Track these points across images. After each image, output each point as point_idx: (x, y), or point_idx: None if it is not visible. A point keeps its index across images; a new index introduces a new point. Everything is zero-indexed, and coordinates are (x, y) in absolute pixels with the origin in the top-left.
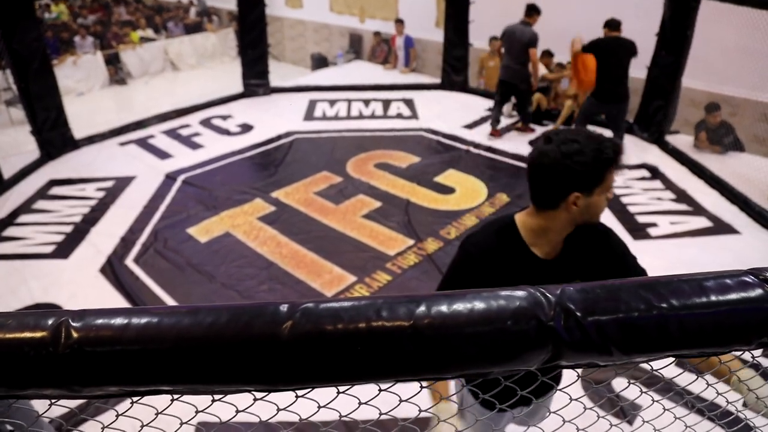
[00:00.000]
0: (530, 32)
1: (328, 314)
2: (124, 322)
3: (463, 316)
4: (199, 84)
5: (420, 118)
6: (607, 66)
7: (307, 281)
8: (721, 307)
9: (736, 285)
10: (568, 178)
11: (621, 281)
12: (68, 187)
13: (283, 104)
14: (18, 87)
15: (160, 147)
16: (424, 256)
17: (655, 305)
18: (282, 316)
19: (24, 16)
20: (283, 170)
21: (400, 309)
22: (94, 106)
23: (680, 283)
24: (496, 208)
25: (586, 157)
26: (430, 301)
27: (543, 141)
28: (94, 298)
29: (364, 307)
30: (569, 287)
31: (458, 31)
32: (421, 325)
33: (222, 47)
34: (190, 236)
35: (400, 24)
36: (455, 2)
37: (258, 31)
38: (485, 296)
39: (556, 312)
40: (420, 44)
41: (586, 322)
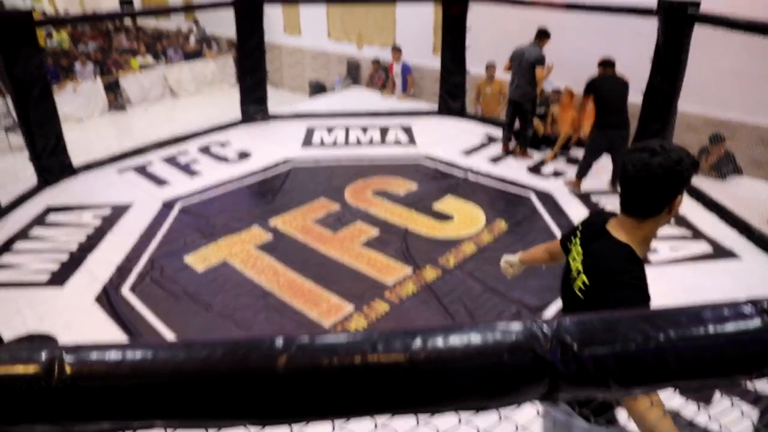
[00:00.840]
0: (538, 52)
1: (323, 348)
2: (119, 357)
3: (459, 350)
4: (197, 111)
5: (418, 145)
6: (606, 100)
7: (304, 311)
8: (720, 339)
9: (734, 315)
10: (677, 184)
11: (619, 313)
12: (65, 214)
13: (282, 131)
14: (18, 114)
15: (158, 174)
16: (423, 284)
17: (652, 337)
18: (277, 350)
19: (26, 44)
20: (281, 198)
21: (395, 343)
22: (92, 133)
23: (678, 314)
24: (495, 235)
25: (687, 163)
26: (426, 334)
27: (648, 154)
28: (89, 328)
29: (360, 341)
30: (565, 319)
31: (455, 58)
32: (417, 359)
33: (221, 74)
34: (187, 265)
35: (398, 51)
36: (452, 30)
37: (257, 59)
38: (481, 329)
39: (553, 345)
40: (417, 71)
41: (583, 354)
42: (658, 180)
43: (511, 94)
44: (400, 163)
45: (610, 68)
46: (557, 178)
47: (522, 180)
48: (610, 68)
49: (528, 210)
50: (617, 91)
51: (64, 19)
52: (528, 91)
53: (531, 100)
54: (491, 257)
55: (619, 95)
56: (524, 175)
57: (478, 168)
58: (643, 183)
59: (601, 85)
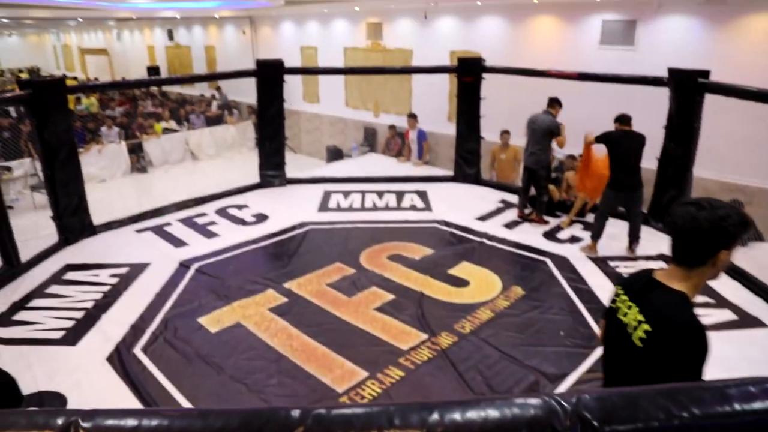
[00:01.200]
0: (550, 120)
1: (339, 421)
2: (134, 424)
3: (476, 424)
4: (217, 174)
5: (433, 210)
6: (620, 157)
7: (317, 376)
8: (746, 417)
9: (760, 393)
10: (721, 238)
11: (639, 389)
12: (83, 272)
13: (299, 195)
14: (45, 174)
15: (176, 235)
16: (438, 351)
17: (675, 414)
18: (293, 422)
19: (58, 109)
20: (297, 261)
21: (412, 417)
22: (114, 193)
23: (701, 390)
24: (511, 301)
25: (734, 220)
26: (443, 408)
27: (695, 208)
28: (99, 388)
29: (377, 414)
30: (585, 395)
31: (470, 125)
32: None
33: (241, 139)
34: (201, 326)
35: (413, 119)
36: (466, 98)
37: (276, 126)
38: (499, 404)
39: (572, 421)
40: (433, 137)
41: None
42: (703, 233)
43: (526, 161)
44: (415, 228)
45: (626, 124)
46: (574, 243)
47: (538, 245)
48: (626, 124)
49: (545, 275)
50: (633, 148)
51: (94, 86)
52: (542, 158)
53: (545, 167)
54: (508, 323)
55: (634, 153)
56: (540, 241)
57: (493, 233)
58: (688, 234)
59: (617, 141)
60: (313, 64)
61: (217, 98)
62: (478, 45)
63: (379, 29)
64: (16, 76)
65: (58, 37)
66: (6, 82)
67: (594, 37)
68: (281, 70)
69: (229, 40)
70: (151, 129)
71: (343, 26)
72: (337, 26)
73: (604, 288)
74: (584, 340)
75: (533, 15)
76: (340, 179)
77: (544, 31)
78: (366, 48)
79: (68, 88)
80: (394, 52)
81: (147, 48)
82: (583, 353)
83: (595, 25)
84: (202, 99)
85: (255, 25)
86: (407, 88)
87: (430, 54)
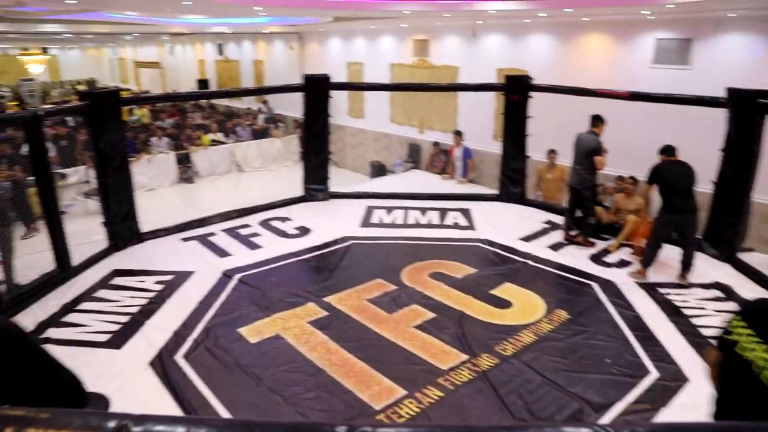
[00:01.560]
0: (594, 140)
1: None
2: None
3: None
4: (261, 186)
5: (477, 229)
6: (672, 185)
7: (355, 392)
8: None
9: None
10: None
11: (695, 424)
12: (130, 278)
13: (342, 209)
14: (98, 182)
15: (220, 245)
16: (479, 372)
17: None
18: None
19: (112, 120)
20: (338, 275)
21: None
22: (161, 202)
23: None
24: (555, 325)
25: None
26: None
27: None
28: (140, 392)
29: None
30: (639, 428)
31: (516, 144)
32: None
33: (286, 152)
34: (241, 336)
35: (459, 136)
36: (514, 117)
37: (321, 140)
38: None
39: None
40: (478, 155)
41: None
42: None
43: (571, 181)
44: (458, 246)
45: (671, 155)
46: (622, 267)
47: (584, 268)
48: (671, 155)
49: (591, 300)
50: (683, 175)
51: (147, 98)
52: (586, 178)
53: (590, 188)
54: (551, 348)
55: (685, 179)
56: (587, 264)
57: (538, 255)
58: None
59: (665, 172)
60: (360, 79)
61: (264, 111)
62: (526, 63)
63: (425, 46)
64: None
65: (115, 51)
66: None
67: (646, 56)
68: (328, 85)
69: (277, 55)
70: (199, 140)
71: (389, 43)
72: (384, 42)
73: (653, 315)
74: (631, 368)
75: (583, 33)
76: (384, 195)
77: (594, 50)
78: (412, 64)
79: (122, 100)
80: (440, 69)
81: (198, 62)
82: (630, 382)
83: (648, 44)
84: (249, 112)
85: (303, 41)
86: (453, 105)
87: (477, 71)
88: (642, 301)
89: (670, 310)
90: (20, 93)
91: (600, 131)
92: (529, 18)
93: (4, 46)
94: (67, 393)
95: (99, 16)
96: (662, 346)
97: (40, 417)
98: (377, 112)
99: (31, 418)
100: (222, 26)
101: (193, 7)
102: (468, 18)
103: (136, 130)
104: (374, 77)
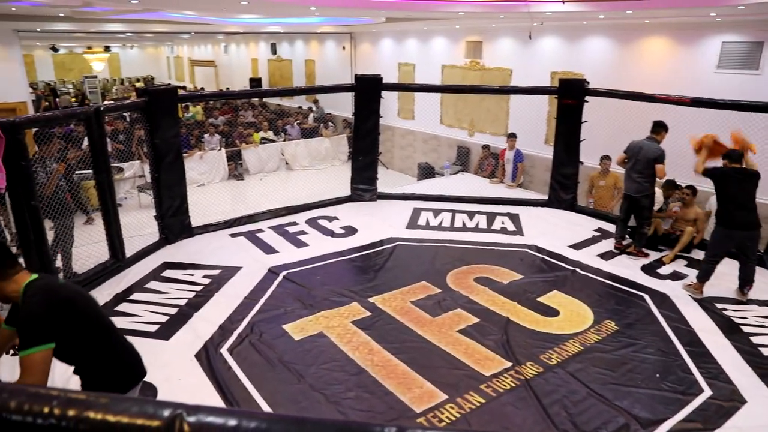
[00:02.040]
0: (657, 148)
1: None
2: (234, 423)
3: None
4: (309, 184)
5: (525, 235)
6: (732, 195)
7: (396, 393)
8: None
9: None
10: None
11: None
12: (179, 271)
13: (388, 210)
14: (152, 176)
15: (267, 241)
16: (522, 381)
17: None
18: None
19: (169, 116)
20: (383, 276)
21: None
22: (211, 198)
23: None
24: (603, 336)
25: None
26: None
27: None
28: (185, 383)
29: None
30: None
31: (568, 149)
32: None
33: (334, 151)
34: (285, 332)
35: (513, 138)
36: (567, 121)
37: (371, 141)
38: None
39: None
40: (528, 160)
41: None
42: None
43: (627, 189)
44: (505, 251)
45: (736, 162)
46: (676, 280)
47: (636, 279)
48: (736, 162)
49: (641, 312)
50: (746, 185)
51: (202, 95)
52: (645, 186)
53: (648, 196)
54: (598, 359)
55: (748, 190)
56: (638, 275)
57: (587, 263)
58: None
59: (727, 178)
60: (411, 80)
61: (314, 111)
62: (582, 66)
63: (478, 47)
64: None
65: (172, 49)
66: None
67: (711, 60)
68: (379, 85)
69: (329, 55)
70: (250, 138)
71: (442, 44)
72: (436, 44)
73: (709, 331)
74: (683, 385)
75: (643, 36)
76: (431, 197)
77: (655, 53)
78: (464, 66)
79: (178, 97)
80: (492, 71)
81: (251, 60)
82: (681, 400)
83: (713, 48)
84: (300, 111)
85: (355, 41)
86: (504, 108)
87: (531, 74)
88: (697, 315)
89: (728, 326)
90: (83, 89)
91: (661, 139)
92: (586, 20)
93: (70, 45)
94: (127, 366)
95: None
96: (717, 363)
97: (99, 402)
98: (427, 113)
99: (91, 402)
100: (276, 26)
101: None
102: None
103: (189, 126)
104: (425, 78)
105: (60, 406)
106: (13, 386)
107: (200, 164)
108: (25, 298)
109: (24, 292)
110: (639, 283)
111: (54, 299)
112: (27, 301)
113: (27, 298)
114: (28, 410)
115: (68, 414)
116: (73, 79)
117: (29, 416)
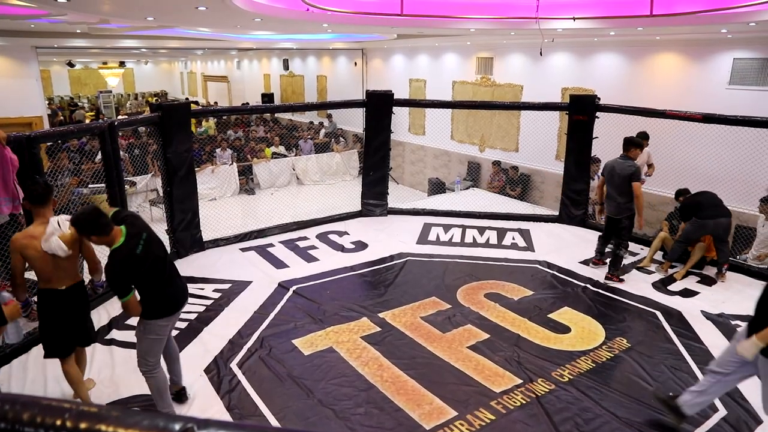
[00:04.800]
0: (629, 165)
1: None
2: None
3: None
4: (320, 199)
5: (535, 251)
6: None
7: (405, 409)
8: None
9: None
10: None
11: None
12: (190, 285)
13: (399, 225)
14: (164, 190)
15: (278, 256)
16: (533, 398)
17: None
18: None
19: (182, 130)
20: (393, 291)
21: None
22: (222, 212)
23: None
24: (614, 353)
25: None
26: None
27: None
28: (194, 398)
29: None
30: None
31: (579, 165)
32: None
33: (345, 167)
34: (295, 347)
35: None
36: (578, 137)
37: (381, 156)
38: None
39: None
40: (539, 175)
41: None
42: None
43: (608, 210)
44: (515, 267)
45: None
46: (688, 297)
47: (647, 296)
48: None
49: (653, 329)
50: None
51: (215, 111)
52: (625, 207)
53: (629, 217)
54: (610, 376)
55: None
56: (650, 291)
57: (599, 279)
58: None
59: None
60: (421, 96)
61: (326, 126)
62: (593, 82)
63: (489, 64)
64: (148, 100)
65: (186, 64)
66: (139, 105)
67: (722, 76)
68: (390, 101)
69: (341, 71)
70: (261, 153)
71: (453, 60)
72: (447, 60)
73: (723, 349)
74: None
75: (654, 52)
76: (441, 212)
77: (666, 70)
78: (475, 82)
79: (192, 112)
80: (503, 87)
81: (263, 76)
82: (695, 419)
83: (725, 64)
84: (311, 127)
85: (366, 57)
86: (515, 124)
87: (541, 90)
88: (710, 332)
89: None
90: (97, 104)
91: (635, 155)
92: (597, 36)
93: (86, 60)
94: (170, 303)
95: (174, 31)
96: None
97: (111, 414)
98: (438, 128)
99: (103, 414)
100: (288, 42)
101: (263, 24)
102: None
103: (202, 141)
104: (436, 94)
105: (72, 419)
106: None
107: (212, 179)
108: (113, 261)
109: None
110: (651, 299)
111: (128, 264)
112: (113, 263)
113: (113, 260)
114: (41, 422)
115: (80, 427)
116: (88, 94)
117: (42, 428)
